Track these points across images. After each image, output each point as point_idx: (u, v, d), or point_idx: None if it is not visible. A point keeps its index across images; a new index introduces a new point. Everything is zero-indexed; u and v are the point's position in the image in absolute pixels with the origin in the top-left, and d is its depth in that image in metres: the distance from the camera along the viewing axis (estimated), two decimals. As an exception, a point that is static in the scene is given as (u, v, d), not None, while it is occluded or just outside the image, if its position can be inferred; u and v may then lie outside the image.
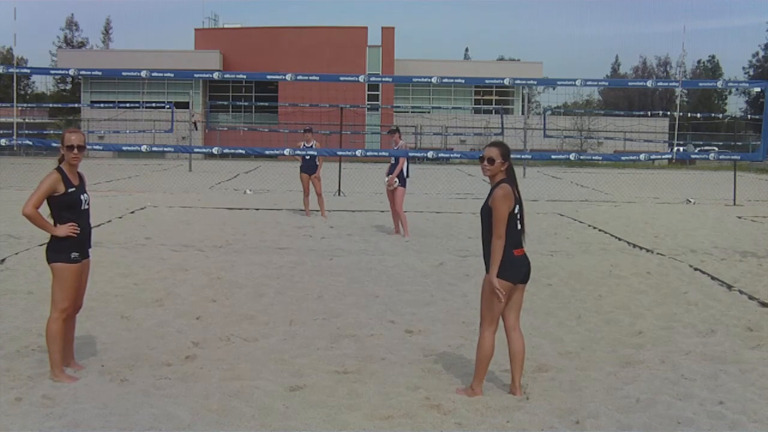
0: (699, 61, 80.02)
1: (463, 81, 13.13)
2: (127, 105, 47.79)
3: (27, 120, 47.31)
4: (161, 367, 5.50)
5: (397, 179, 12.51)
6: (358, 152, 12.29)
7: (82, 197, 5.25)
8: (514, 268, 4.95)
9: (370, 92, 51.89)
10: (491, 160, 5.00)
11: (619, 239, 12.61)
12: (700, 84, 32.10)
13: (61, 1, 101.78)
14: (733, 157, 19.40)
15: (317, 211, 15.11)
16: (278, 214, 15.64)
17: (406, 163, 12.65)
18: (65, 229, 5.14)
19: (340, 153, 13.89)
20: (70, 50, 65.09)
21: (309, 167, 15.02)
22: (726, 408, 4.86)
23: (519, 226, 4.99)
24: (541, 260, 10.02)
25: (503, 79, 12.02)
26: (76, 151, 5.22)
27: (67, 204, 5.17)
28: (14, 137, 11.67)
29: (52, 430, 4.34)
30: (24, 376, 5.22)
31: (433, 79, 11.38)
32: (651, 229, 14.05)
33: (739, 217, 16.53)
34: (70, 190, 5.18)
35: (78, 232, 5.18)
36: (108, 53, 60.73)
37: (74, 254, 5.19)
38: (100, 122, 46.23)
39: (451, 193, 22.02)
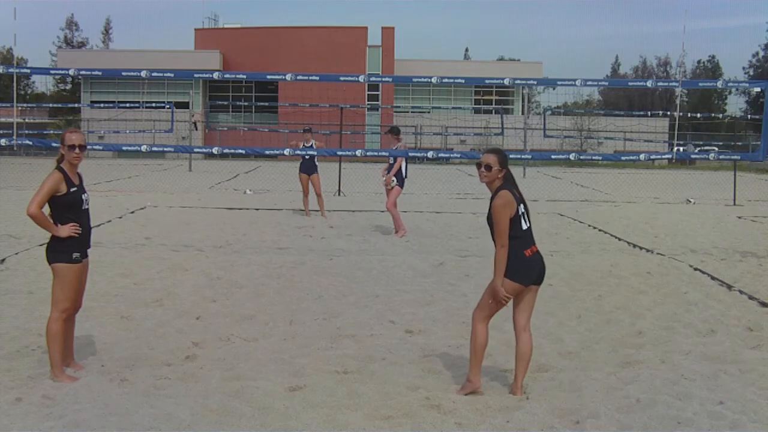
0: (699, 61, 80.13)
1: (463, 81, 13.11)
2: (127, 105, 47.76)
3: (27, 120, 47.30)
4: (161, 367, 5.50)
5: (394, 178, 12.53)
6: (358, 152, 12.29)
7: (83, 197, 5.26)
8: (525, 270, 4.94)
9: (370, 92, 51.91)
10: (488, 167, 4.99)
11: (619, 239, 12.60)
12: (700, 84, 32.07)
13: (61, 1, 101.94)
14: (733, 157, 19.39)
15: (317, 211, 15.11)
16: (278, 214, 15.64)
17: (404, 163, 12.66)
18: (67, 230, 5.14)
19: (340, 153, 13.88)
20: (70, 50, 65.13)
21: (308, 167, 15.02)
22: (726, 408, 4.86)
23: (526, 225, 4.98)
24: (541, 260, 10.01)
25: (503, 79, 12.01)
26: (77, 150, 5.22)
27: (69, 204, 5.17)
28: (14, 137, 11.66)
29: (52, 430, 4.34)
30: (24, 376, 5.22)
31: (433, 79, 11.38)
32: (651, 229, 14.05)
33: (739, 217, 16.53)
34: (72, 189, 5.18)
35: (79, 232, 5.18)
36: (108, 53, 60.74)
37: (75, 254, 5.19)
38: (100, 122, 46.23)
39: (451, 193, 22.01)
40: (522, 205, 5.00)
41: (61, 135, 5.32)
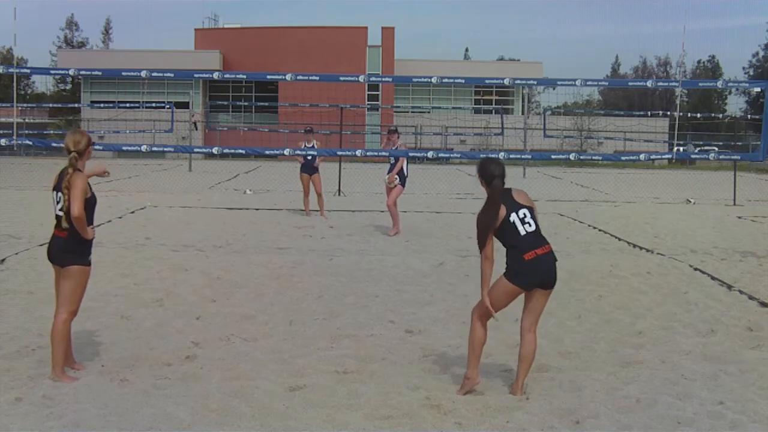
0: (699, 61, 79.97)
1: (463, 81, 13.11)
2: (127, 105, 47.72)
3: (27, 120, 47.25)
4: (161, 367, 5.50)
5: (397, 177, 12.58)
6: (358, 152, 12.29)
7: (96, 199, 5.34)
8: (524, 274, 4.93)
9: (370, 92, 51.86)
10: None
11: (619, 239, 12.61)
12: (700, 84, 32.12)
13: (61, 1, 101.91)
14: (733, 157, 19.42)
15: (317, 211, 15.11)
16: (278, 214, 15.64)
17: (405, 163, 12.70)
18: (92, 232, 5.23)
19: (340, 153, 13.89)
20: (70, 50, 65.06)
21: (309, 167, 15.03)
22: (726, 408, 4.86)
23: (525, 231, 4.94)
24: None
25: (503, 79, 12.01)
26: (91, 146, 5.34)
27: (91, 205, 5.24)
28: (14, 137, 11.66)
29: (52, 430, 4.34)
30: (24, 376, 5.22)
31: (433, 79, 11.38)
32: (651, 229, 14.05)
33: (739, 217, 16.53)
34: (92, 191, 5.24)
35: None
36: (108, 53, 60.69)
37: (90, 256, 5.26)
38: (100, 122, 46.20)
39: (451, 193, 22.01)
40: (518, 212, 4.94)
41: (87, 138, 5.31)
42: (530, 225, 4.97)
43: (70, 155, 5.19)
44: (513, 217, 4.94)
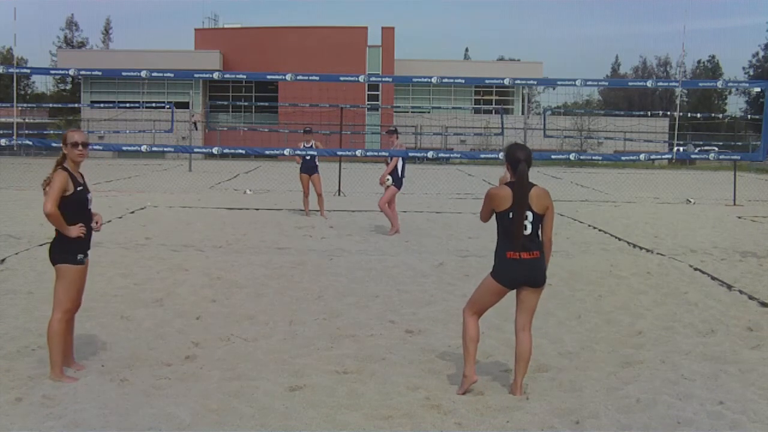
0: (699, 61, 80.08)
1: (463, 81, 13.08)
2: (127, 105, 47.71)
3: (27, 120, 47.23)
4: (161, 367, 5.50)
5: (390, 177, 12.56)
6: (358, 152, 12.28)
7: (88, 196, 5.27)
8: (507, 273, 4.95)
9: (370, 92, 51.89)
10: None
11: (619, 239, 12.60)
12: (700, 84, 32.06)
13: (61, 1, 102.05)
14: (733, 157, 19.39)
15: (317, 211, 15.12)
16: (278, 214, 15.64)
17: (401, 163, 12.68)
18: (77, 230, 5.15)
19: (340, 153, 13.88)
20: (70, 50, 65.12)
21: (308, 167, 15.04)
22: (726, 408, 4.86)
23: (514, 230, 4.93)
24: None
25: (503, 79, 12.00)
26: (81, 147, 5.25)
27: (76, 203, 5.17)
28: (14, 137, 11.65)
29: (52, 430, 4.34)
30: (24, 376, 5.21)
31: (433, 79, 11.37)
32: (651, 229, 14.05)
33: (739, 217, 16.53)
34: (78, 189, 5.19)
35: (85, 232, 5.19)
36: (108, 53, 60.73)
37: (80, 255, 5.21)
38: (100, 122, 46.19)
39: (451, 193, 22.01)
40: (512, 213, 4.91)
41: (63, 135, 5.32)
42: (526, 228, 4.95)
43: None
44: (512, 214, 4.93)
